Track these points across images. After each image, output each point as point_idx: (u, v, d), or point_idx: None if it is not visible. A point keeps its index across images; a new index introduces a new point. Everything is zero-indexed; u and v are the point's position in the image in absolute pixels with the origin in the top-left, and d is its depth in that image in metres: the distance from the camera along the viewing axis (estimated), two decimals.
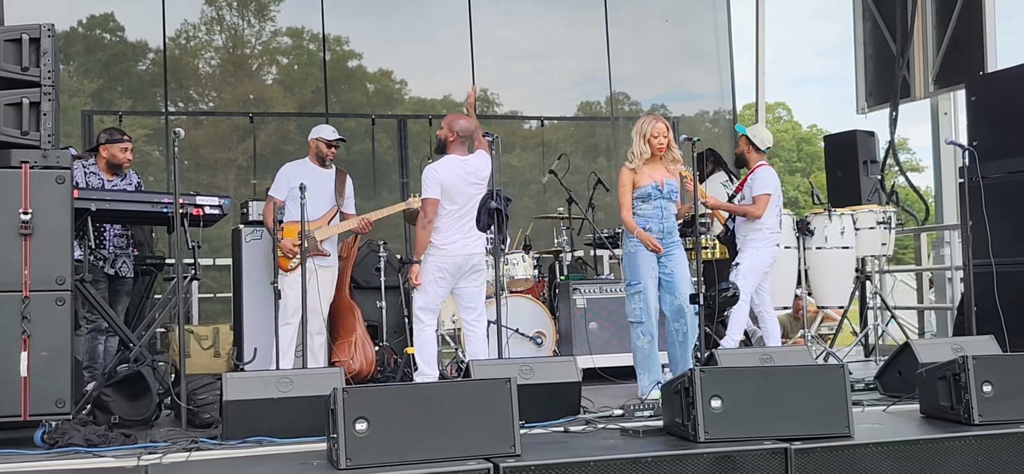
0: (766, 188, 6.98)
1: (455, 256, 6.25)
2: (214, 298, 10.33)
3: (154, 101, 11.31)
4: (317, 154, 6.96)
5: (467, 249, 6.28)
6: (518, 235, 8.47)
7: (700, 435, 4.42)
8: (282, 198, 6.79)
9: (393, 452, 4.09)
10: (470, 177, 6.31)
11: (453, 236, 6.25)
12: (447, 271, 6.27)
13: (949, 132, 9.84)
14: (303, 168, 6.92)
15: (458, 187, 6.25)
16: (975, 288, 6.58)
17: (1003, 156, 6.87)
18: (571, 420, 5.29)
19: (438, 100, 12.68)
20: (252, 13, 12.56)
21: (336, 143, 6.98)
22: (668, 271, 6.21)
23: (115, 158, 6.79)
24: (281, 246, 6.66)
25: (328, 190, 6.84)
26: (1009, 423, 4.68)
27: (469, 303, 6.38)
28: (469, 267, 6.31)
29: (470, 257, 6.30)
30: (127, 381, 5.57)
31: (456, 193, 6.25)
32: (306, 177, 6.69)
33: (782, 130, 36.89)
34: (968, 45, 9.31)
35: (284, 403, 4.94)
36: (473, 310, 6.39)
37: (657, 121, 6.28)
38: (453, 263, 6.25)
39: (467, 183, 6.29)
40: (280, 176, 6.90)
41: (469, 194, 6.26)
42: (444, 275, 6.27)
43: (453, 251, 6.24)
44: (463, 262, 6.27)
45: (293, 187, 6.63)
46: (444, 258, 6.25)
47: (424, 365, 6.26)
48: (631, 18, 12.28)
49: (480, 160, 6.39)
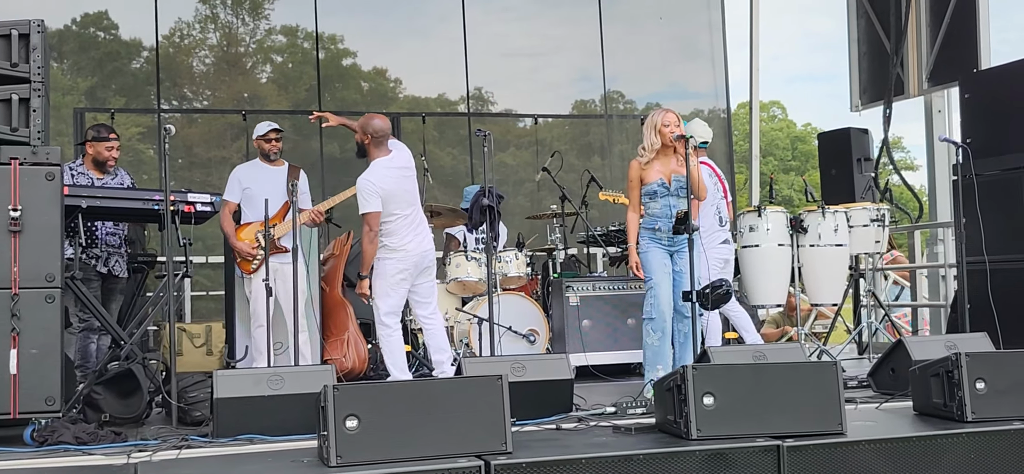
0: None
1: (413, 254, 6.24)
2: (207, 296, 10.31)
3: (148, 99, 11.29)
4: (261, 153, 6.92)
5: (422, 246, 6.29)
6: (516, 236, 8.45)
7: (692, 432, 4.40)
8: (236, 200, 6.78)
9: (384, 450, 4.06)
10: (402, 173, 6.28)
11: (407, 236, 6.24)
12: (408, 271, 6.25)
13: (943, 129, 9.84)
14: (253, 169, 6.91)
15: (396, 189, 6.21)
16: (969, 285, 6.57)
17: (997, 153, 6.86)
18: (563, 417, 5.28)
19: (433, 98, 12.68)
20: (246, 11, 12.54)
21: (272, 136, 6.90)
22: (678, 268, 6.20)
23: (100, 155, 6.77)
24: (239, 250, 6.66)
25: (279, 188, 6.75)
26: (1002, 420, 4.66)
27: (425, 299, 6.38)
28: (425, 264, 6.32)
29: (425, 254, 6.30)
30: (118, 379, 5.55)
31: (399, 195, 6.21)
32: (255, 177, 6.72)
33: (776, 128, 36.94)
34: (962, 42, 9.30)
35: (275, 401, 4.92)
36: (428, 305, 6.38)
37: (668, 112, 6.26)
38: (412, 261, 6.25)
39: (403, 180, 6.27)
40: (232, 179, 6.86)
41: (408, 189, 6.27)
42: (405, 276, 6.25)
43: (411, 250, 6.24)
44: (420, 259, 6.28)
45: (247, 188, 6.67)
46: (404, 258, 6.22)
47: (396, 371, 6.23)
48: (626, 16, 12.27)
49: (401, 151, 6.37)
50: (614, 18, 12.08)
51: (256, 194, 6.66)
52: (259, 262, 6.59)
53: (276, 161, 6.92)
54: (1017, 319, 6.52)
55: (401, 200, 6.22)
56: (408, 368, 6.43)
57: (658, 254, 6.20)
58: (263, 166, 6.91)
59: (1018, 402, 4.77)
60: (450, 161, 12.43)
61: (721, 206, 7.12)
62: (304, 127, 11.87)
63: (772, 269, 7.34)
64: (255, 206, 6.66)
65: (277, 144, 6.92)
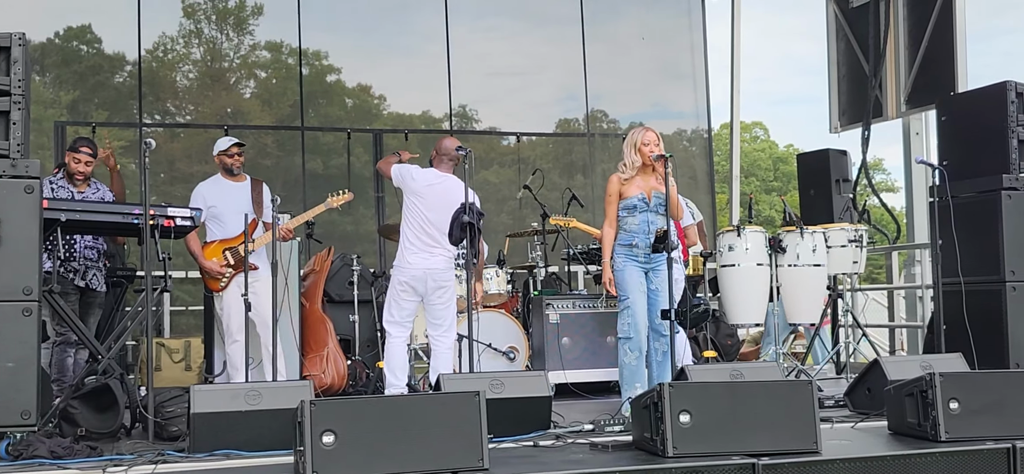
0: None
1: (417, 269, 6.35)
2: (186, 311, 10.28)
3: (131, 113, 11.26)
4: (223, 168, 6.88)
5: (427, 264, 6.36)
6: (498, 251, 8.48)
7: (668, 450, 4.42)
8: (201, 219, 6.75)
9: (360, 465, 4.07)
10: (444, 191, 6.40)
11: (415, 254, 6.40)
12: (409, 286, 6.37)
13: (921, 151, 9.93)
14: (215, 185, 6.86)
15: (428, 195, 6.40)
16: (945, 307, 6.63)
17: (973, 176, 6.92)
18: (541, 435, 5.29)
19: (416, 115, 12.70)
20: (231, 26, 12.53)
21: (234, 150, 6.87)
22: (653, 287, 6.23)
23: (69, 167, 6.75)
24: (207, 268, 6.65)
25: (244, 202, 6.76)
26: (975, 440, 4.70)
27: (436, 319, 6.46)
28: (434, 284, 6.38)
29: (431, 272, 6.36)
30: (94, 393, 5.52)
31: (427, 205, 6.41)
32: (219, 194, 6.71)
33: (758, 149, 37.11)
34: (940, 66, 9.38)
35: (252, 416, 4.92)
36: (438, 326, 6.45)
37: (648, 131, 6.30)
38: (412, 275, 6.36)
39: (440, 196, 6.36)
40: (195, 197, 6.80)
41: (437, 207, 6.36)
42: (407, 290, 6.38)
43: (416, 265, 6.36)
44: (425, 277, 6.36)
45: (212, 206, 6.66)
46: (406, 271, 6.37)
47: (389, 375, 6.33)
48: (609, 36, 12.35)
49: (456, 182, 6.46)
50: (598, 38, 12.16)
51: (221, 212, 6.67)
52: (227, 280, 6.60)
53: (238, 176, 6.90)
54: (992, 340, 6.58)
55: (425, 215, 6.32)
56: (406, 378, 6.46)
57: (634, 272, 6.22)
58: (226, 182, 6.86)
59: (991, 422, 4.82)
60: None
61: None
62: (287, 142, 11.88)
63: (751, 289, 7.37)
64: (222, 223, 6.67)
65: (240, 158, 6.90)
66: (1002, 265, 6.66)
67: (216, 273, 6.62)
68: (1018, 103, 6.87)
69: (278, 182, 11.28)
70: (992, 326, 6.62)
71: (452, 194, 6.25)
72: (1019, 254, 6.69)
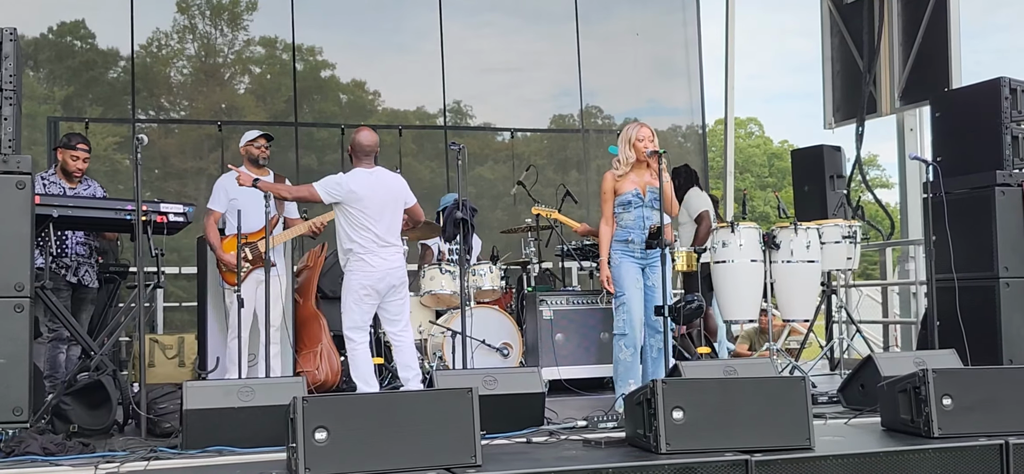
0: None
1: (378, 271, 6.16)
2: (180, 307, 10.26)
3: (125, 109, 11.24)
4: (250, 159, 6.84)
5: (387, 265, 6.20)
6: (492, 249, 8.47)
7: (661, 446, 4.42)
8: (222, 210, 6.72)
9: (353, 462, 4.07)
10: (382, 187, 6.27)
11: (373, 255, 6.20)
12: (371, 287, 6.19)
13: (915, 148, 9.93)
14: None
15: (368, 196, 6.21)
16: (938, 303, 6.64)
17: (966, 172, 6.93)
18: (534, 431, 5.29)
19: (411, 111, 12.69)
20: (225, 22, 12.50)
21: (262, 141, 6.85)
22: (650, 283, 6.23)
23: (66, 164, 6.72)
24: (225, 262, 6.61)
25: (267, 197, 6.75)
26: (968, 436, 4.71)
27: (394, 316, 6.32)
28: (392, 282, 6.23)
29: (391, 272, 6.21)
30: (87, 390, 5.51)
31: (371, 205, 6.21)
32: (244, 188, 6.66)
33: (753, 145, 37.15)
34: (934, 62, 9.39)
35: (245, 412, 4.92)
36: (398, 322, 6.32)
37: (642, 127, 6.31)
38: (376, 278, 6.18)
39: (380, 191, 6.24)
40: (217, 188, 6.78)
41: (382, 204, 6.23)
42: (369, 292, 6.19)
43: (376, 267, 6.18)
44: (385, 277, 6.19)
45: (234, 199, 6.61)
46: (369, 274, 6.17)
47: (361, 383, 6.19)
48: (604, 33, 12.35)
49: (388, 174, 6.40)
50: (592, 35, 12.16)
51: (243, 204, 6.54)
52: (245, 274, 6.53)
53: (263, 169, 6.87)
54: (985, 336, 6.60)
55: (372, 212, 6.15)
56: (377, 381, 6.38)
57: (631, 269, 6.22)
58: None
59: (984, 419, 4.82)
60: (428, 174, 12.42)
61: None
62: (281, 138, 11.82)
63: (744, 285, 7.36)
64: (246, 217, 6.61)
65: (266, 150, 6.87)
66: (995, 261, 6.68)
67: (231, 265, 6.53)
68: (1012, 99, 6.89)
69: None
70: (985, 322, 6.64)
71: (388, 189, 6.19)
72: (1012, 250, 6.71)
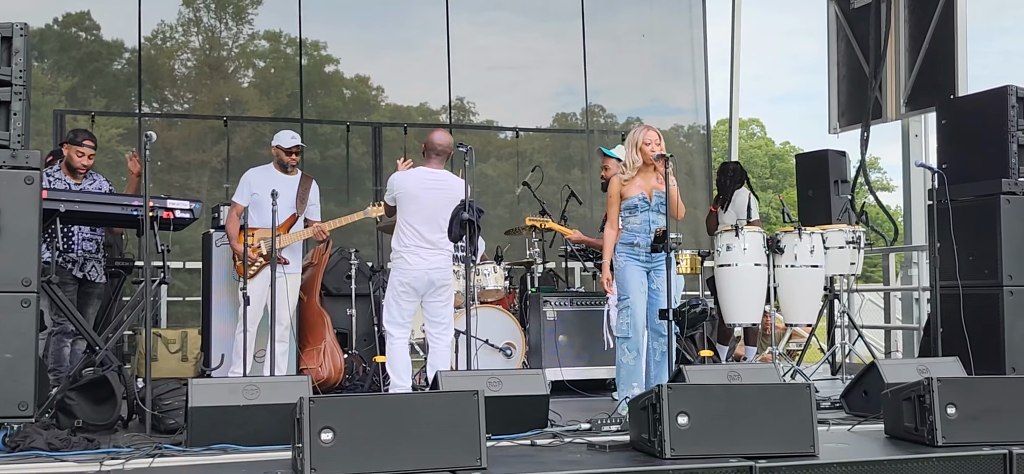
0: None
1: (416, 270, 6.31)
2: (183, 301, 10.28)
3: (129, 101, 11.24)
4: (278, 161, 6.94)
5: (427, 264, 6.33)
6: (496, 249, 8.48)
7: (666, 452, 4.43)
8: (245, 204, 6.76)
9: (358, 462, 4.07)
10: (435, 186, 6.36)
11: (413, 254, 6.34)
12: (409, 286, 6.33)
13: (920, 154, 9.92)
14: (266, 174, 6.90)
15: (420, 195, 6.36)
16: (941, 309, 6.64)
17: (971, 179, 6.93)
18: (538, 433, 5.29)
19: (414, 108, 12.69)
20: (230, 15, 12.51)
21: (295, 150, 6.93)
22: (655, 286, 6.23)
23: (71, 160, 6.74)
24: (237, 251, 6.68)
25: (290, 196, 6.80)
26: (972, 445, 4.71)
27: (433, 317, 6.45)
28: (432, 281, 6.35)
29: (430, 271, 6.33)
30: (92, 385, 5.52)
31: (420, 205, 6.35)
32: (269, 183, 6.68)
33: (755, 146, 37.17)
34: (940, 68, 9.37)
35: (250, 410, 4.92)
36: (437, 324, 6.44)
37: (649, 129, 6.31)
38: (413, 276, 6.32)
39: (433, 192, 6.33)
40: (243, 182, 6.88)
41: (433, 205, 6.32)
42: (407, 290, 6.34)
43: (414, 265, 6.32)
44: (423, 276, 6.32)
45: (255, 193, 6.65)
46: (406, 272, 6.32)
47: (393, 377, 6.31)
48: (609, 32, 12.35)
49: (447, 175, 6.49)
50: (598, 34, 12.15)
51: (264, 200, 6.62)
52: (257, 268, 6.58)
53: (291, 172, 6.94)
54: (988, 344, 6.60)
55: (420, 213, 6.26)
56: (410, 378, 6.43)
57: (636, 272, 6.23)
58: (276, 173, 6.89)
59: (988, 428, 4.83)
60: None
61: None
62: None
63: (748, 289, 7.37)
64: (261, 212, 6.66)
65: (295, 160, 6.93)
66: (1000, 269, 6.67)
67: (248, 257, 6.59)
68: (1018, 108, 6.88)
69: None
70: (989, 330, 6.64)
71: (448, 191, 6.23)
72: (1017, 259, 6.71)
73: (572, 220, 8.57)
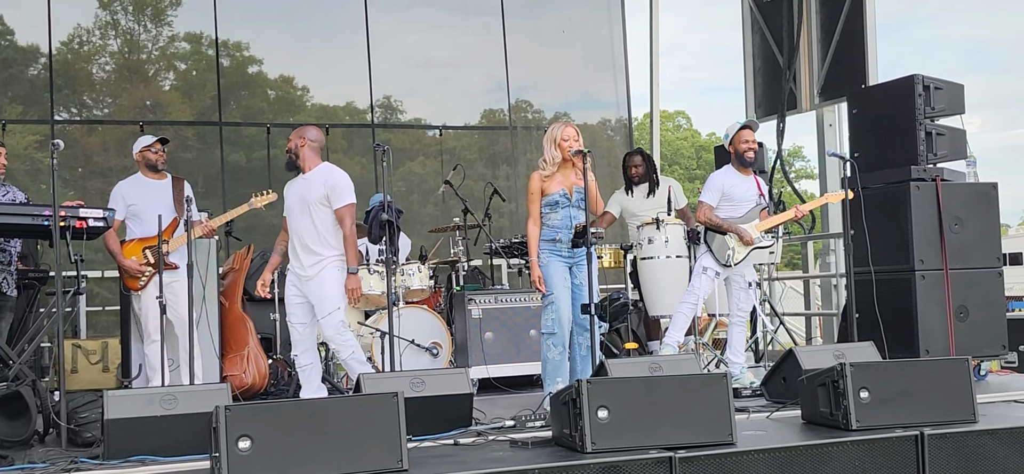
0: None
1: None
2: (104, 311, 10.07)
3: (45, 108, 10.98)
4: (146, 164, 6.77)
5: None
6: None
7: (587, 446, 4.46)
8: (120, 218, 6.64)
9: (277, 470, 4.04)
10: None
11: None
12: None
13: (834, 143, 10.12)
14: (136, 184, 6.75)
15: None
16: (857, 295, 6.80)
17: (882, 167, 7.11)
18: (462, 432, 5.31)
19: (341, 107, 12.59)
20: (148, 17, 12.26)
21: (158, 146, 6.78)
22: (578, 282, 6.27)
23: None
24: (127, 268, 6.53)
25: (166, 201, 6.66)
26: (884, 428, 4.83)
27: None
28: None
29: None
30: (5, 401, 5.39)
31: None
32: (140, 192, 6.59)
33: (681, 138, 37.61)
34: (851, 59, 9.56)
35: (168, 421, 4.85)
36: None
37: (567, 126, 6.35)
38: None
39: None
40: (114, 195, 6.70)
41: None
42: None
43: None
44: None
45: (132, 204, 6.55)
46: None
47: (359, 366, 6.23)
48: (534, 28, 12.40)
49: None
50: (521, 30, 12.19)
51: (142, 210, 6.54)
52: (146, 279, 6.47)
53: (160, 173, 6.79)
54: (902, 327, 6.78)
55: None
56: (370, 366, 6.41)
57: (559, 268, 6.27)
58: (147, 180, 6.75)
59: (900, 410, 4.95)
60: (359, 171, 12.33)
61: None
62: (207, 135, 11.68)
63: (671, 281, 7.46)
64: (141, 222, 6.55)
65: (163, 154, 6.80)
66: (911, 254, 6.86)
67: (135, 272, 6.49)
68: (925, 96, 7.07)
69: (199, 176, 11.11)
70: (902, 314, 6.83)
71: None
72: (927, 244, 6.90)
73: (496, 217, 8.59)
